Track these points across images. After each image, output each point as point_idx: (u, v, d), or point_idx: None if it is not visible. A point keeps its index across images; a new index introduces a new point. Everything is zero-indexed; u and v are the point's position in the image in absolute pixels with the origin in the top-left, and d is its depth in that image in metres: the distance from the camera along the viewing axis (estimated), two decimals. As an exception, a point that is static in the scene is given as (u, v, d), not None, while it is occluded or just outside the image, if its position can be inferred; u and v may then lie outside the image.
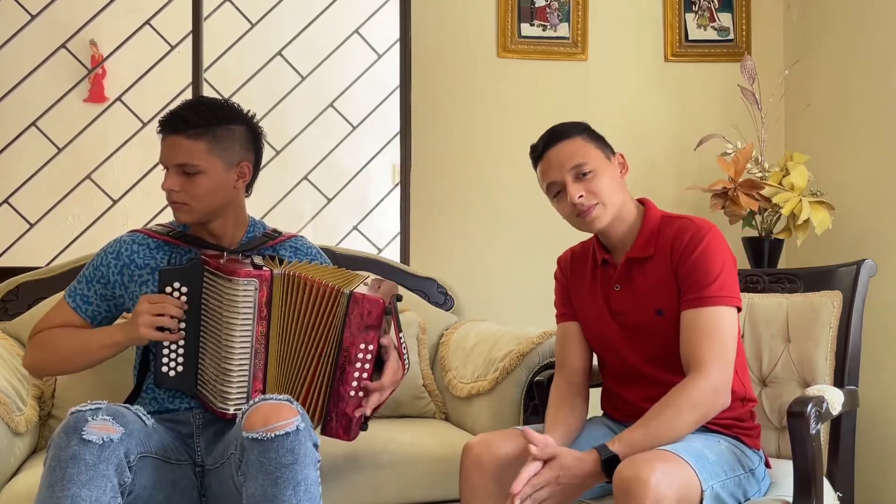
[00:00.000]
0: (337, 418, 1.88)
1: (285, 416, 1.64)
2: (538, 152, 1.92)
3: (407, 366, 1.99)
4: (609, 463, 1.65)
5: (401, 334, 1.95)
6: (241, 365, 1.83)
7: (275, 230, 2.12)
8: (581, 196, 1.83)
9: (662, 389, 1.82)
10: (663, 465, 1.57)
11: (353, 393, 1.88)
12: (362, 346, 1.86)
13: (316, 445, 1.70)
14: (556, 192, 1.89)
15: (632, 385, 1.90)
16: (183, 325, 1.88)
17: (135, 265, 2.00)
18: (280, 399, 1.70)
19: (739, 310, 1.80)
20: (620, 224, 1.89)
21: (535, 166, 1.95)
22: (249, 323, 1.83)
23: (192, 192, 1.90)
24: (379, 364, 1.91)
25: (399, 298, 1.94)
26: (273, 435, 1.61)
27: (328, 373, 1.87)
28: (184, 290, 1.88)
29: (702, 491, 1.60)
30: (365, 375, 1.87)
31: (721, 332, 1.75)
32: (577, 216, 1.86)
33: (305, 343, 1.87)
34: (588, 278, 1.97)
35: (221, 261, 1.87)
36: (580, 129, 1.91)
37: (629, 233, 1.90)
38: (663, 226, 1.88)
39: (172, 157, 1.90)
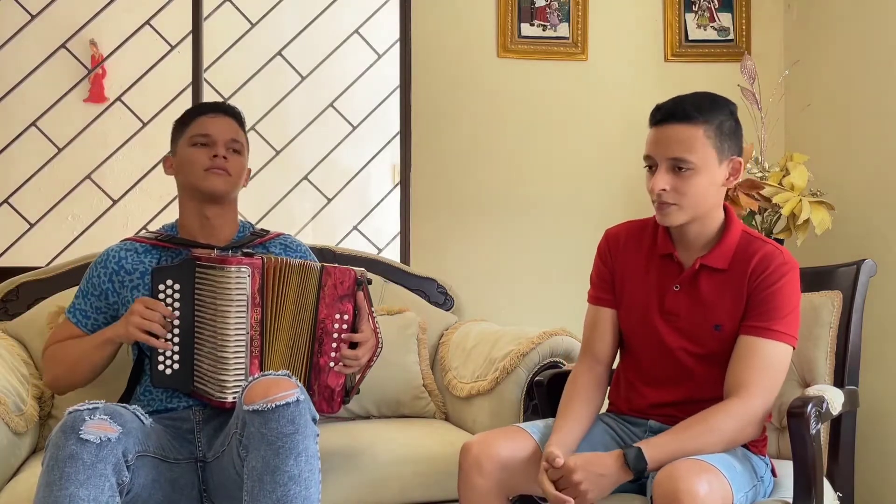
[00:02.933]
0: (319, 391, 1.92)
1: (285, 387, 1.67)
2: (656, 119, 1.80)
3: (381, 343, 2.03)
4: (635, 457, 1.63)
5: (373, 309, 2.00)
6: (237, 352, 1.86)
7: (263, 229, 2.17)
8: (664, 189, 1.75)
9: (683, 396, 1.81)
10: (708, 476, 1.57)
11: (332, 364, 1.92)
12: (337, 316, 1.91)
13: (315, 419, 1.72)
14: (648, 164, 1.80)
15: (652, 383, 1.87)
16: (177, 321, 1.91)
17: (124, 271, 2.04)
18: (279, 374, 1.73)
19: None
20: (700, 226, 1.81)
21: (650, 124, 1.84)
22: (244, 310, 1.87)
23: (234, 166, 2.07)
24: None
25: (369, 282, 1.98)
26: (274, 405, 1.64)
27: (307, 347, 1.91)
28: (176, 287, 1.92)
29: (733, 502, 1.61)
30: (343, 346, 1.92)
31: (776, 368, 1.74)
32: (654, 201, 1.79)
33: (291, 324, 1.92)
34: (643, 266, 1.89)
35: (212, 254, 1.94)
36: (710, 120, 1.77)
37: (707, 237, 1.82)
38: (744, 243, 1.81)
39: (226, 132, 2.07)
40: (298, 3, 3.62)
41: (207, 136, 2.04)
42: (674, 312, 1.83)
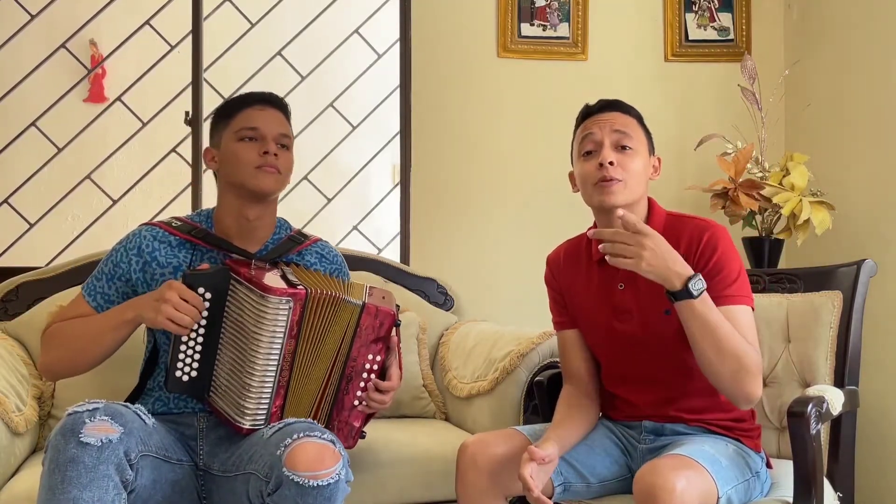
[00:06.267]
0: (339, 426, 1.88)
1: (328, 463, 1.63)
2: (590, 110, 1.90)
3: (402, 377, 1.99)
4: (694, 282, 1.63)
5: (400, 344, 1.96)
6: (263, 380, 1.78)
7: (300, 232, 2.08)
8: (612, 162, 1.80)
9: (667, 392, 1.82)
10: (686, 472, 1.57)
11: (356, 402, 1.88)
12: (370, 356, 1.86)
13: (349, 481, 1.70)
14: (588, 149, 1.85)
15: (634, 387, 1.88)
16: (202, 330, 1.82)
17: (156, 263, 1.93)
18: (324, 439, 1.67)
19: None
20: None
21: (578, 126, 1.92)
22: (279, 340, 1.78)
23: (284, 163, 1.96)
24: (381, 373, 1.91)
25: (397, 307, 1.93)
26: (315, 483, 1.61)
27: (335, 382, 1.86)
28: (208, 295, 1.81)
29: (718, 498, 1.61)
30: (371, 386, 1.87)
31: (751, 327, 1.75)
32: (598, 183, 1.81)
33: (321, 356, 1.84)
34: (584, 277, 1.93)
35: (251, 270, 1.82)
36: (637, 114, 1.92)
37: None
38: (670, 224, 1.85)
39: (276, 126, 1.96)
40: (298, 3, 3.63)
41: (256, 129, 1.93)
42: (625, 310, 1.85)
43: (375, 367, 1.87)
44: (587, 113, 1.90)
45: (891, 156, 2.85)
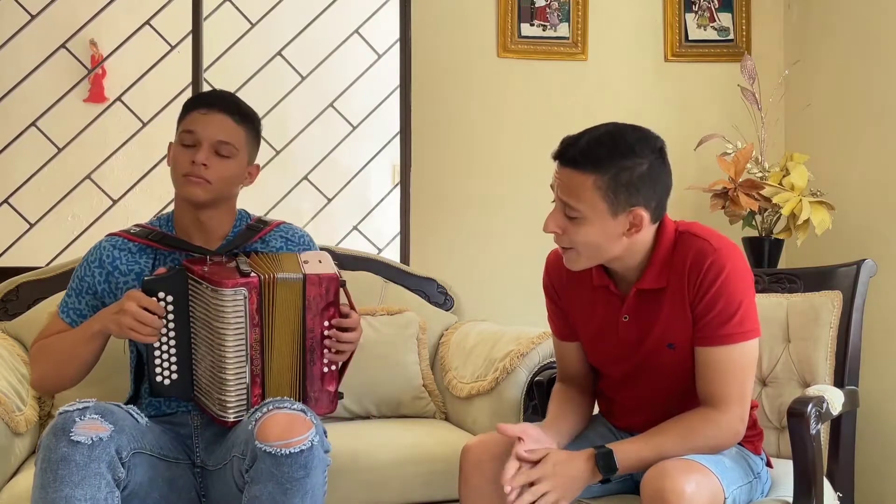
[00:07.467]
0: (316, 397, 1.88)
1: (300, 431, 1.64)
2: (553, 156, 1.70)
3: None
4: (605, 458, 1.62)
5: (349, 294, 1.93)
6: (237, 373, 1.80)
7: (260, 219, 2.06)
8: (555, 231, 1.69)
9: (665, 416, 1.77)
10: (695, 475, 1.56)
11: (325, 370, 1.88)
12: (325, 323, 1.86)
13: (327, 451, 1.71)
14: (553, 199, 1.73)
15: (633, 402, 1.85)
16: (172, 333, 1.83)
17: (118, 272, 1.95)
18: (294, 409, 1.68)
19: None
20: (621, 263, 1.73)
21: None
22: (242, 331, 1.79)
23: (216, 172, 1.88)
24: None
25: (337, 265, 1.91)
26: (288, 451, 1.62)
27: (299, 358, 1.86)
28: (170, 299, 1.82)
29: (724, 499, 1.60)
30: (334, 350, 1.87)
31: (740, 370, 1.67)
32: (557, 250, 1.76)
33: (283, 337, 1.85)
34: (587, 296, 1.83)
35: (206, 267, 1.82)
36: (602, 170, 1.62)
37: (636, 265, 1.74)
38: (678, 247, 1.72)
39: (214, 133, 1.88)
40: (298, 3, 3.62)
41: (192, 133, 1.87)
42: (629, 342, 1.78)
43: (333, 331, 1.87)
44: (553, 156, 1.69)
45: (891, 156, 2.85)
